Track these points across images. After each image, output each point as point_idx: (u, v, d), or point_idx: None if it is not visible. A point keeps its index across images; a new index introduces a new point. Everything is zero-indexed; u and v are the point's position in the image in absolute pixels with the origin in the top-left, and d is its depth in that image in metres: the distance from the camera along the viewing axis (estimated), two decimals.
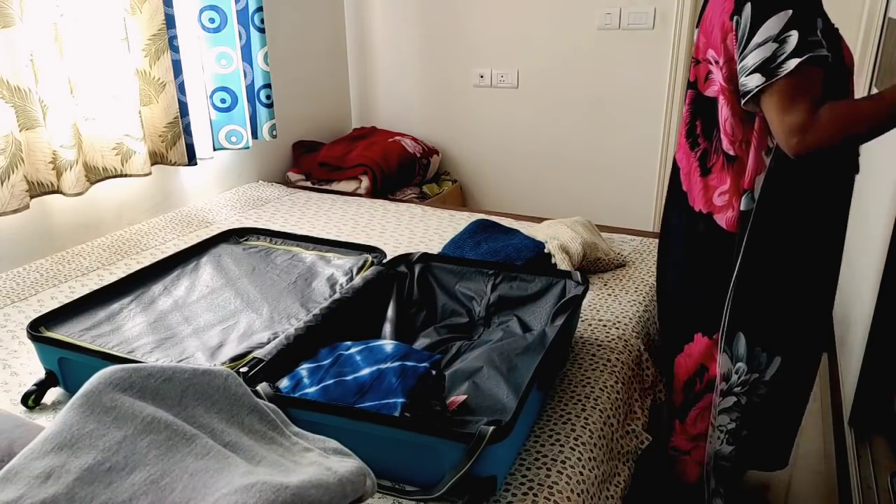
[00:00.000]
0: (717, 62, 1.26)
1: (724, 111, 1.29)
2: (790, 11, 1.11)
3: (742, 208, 1.29)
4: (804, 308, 1.36)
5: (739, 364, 1.37)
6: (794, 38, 1.10)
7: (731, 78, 1.23)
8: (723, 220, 1.34)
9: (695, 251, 1.42)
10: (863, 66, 2.41)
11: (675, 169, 1.45)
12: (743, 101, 1.20)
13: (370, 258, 1.69)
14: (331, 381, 1.18)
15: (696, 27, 1.37)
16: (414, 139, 3.18)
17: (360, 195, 2.77)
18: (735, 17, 1.18)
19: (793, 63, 1.10)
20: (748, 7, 1.15)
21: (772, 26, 1.12)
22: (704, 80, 1.33)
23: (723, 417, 1.43)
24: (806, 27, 1.11)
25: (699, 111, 1.36)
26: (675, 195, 1.45)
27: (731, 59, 1.21)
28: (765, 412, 1.41)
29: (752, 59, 1.15)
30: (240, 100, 2.53)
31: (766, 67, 1.13)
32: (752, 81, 1.16)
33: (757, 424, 1.43)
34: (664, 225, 1.53)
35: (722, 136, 1.31)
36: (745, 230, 1.28)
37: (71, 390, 1.33)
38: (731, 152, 1.30)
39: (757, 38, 1.14)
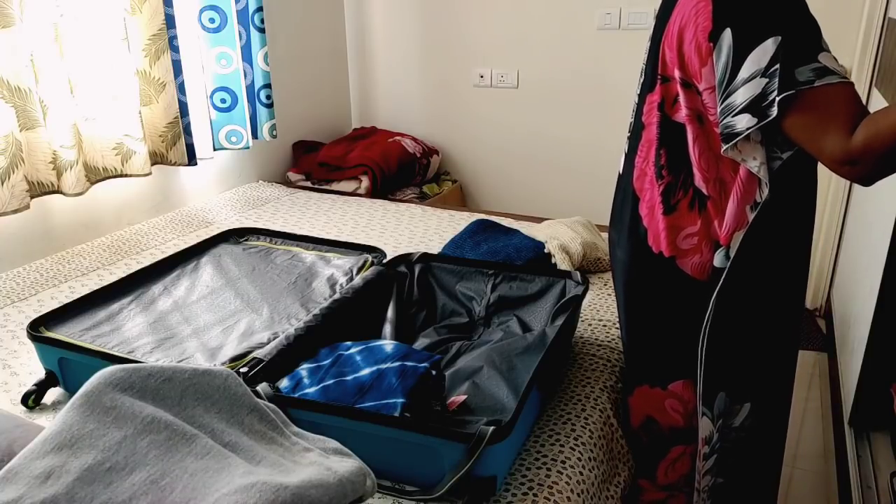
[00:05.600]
0: (690, 86, 1.09)
1: (697, 143, 1.11)
2: (779, 38, 0.95)
3: (715, 264, 1.15)
4: (777, 352, 1.25)
5: (720, 421, 1.25)
6: (781, 70, 0.95)
7: (714, 109, 1.06)
8: (688, 265, 1.18)
9: (648, 297, 1.26)
10: (863, 66, 2.41)
11: (632, 198, 1.25)
12: (725, 146, 1.04)
13: (370, 258, 1.69)
14: (331, 382, 1.18)
15: (655, 21, 1.20)
16: (414, 139, 3.18)
17: (360, 195, 2.77)
18: (714, 41, 1.02)
19: (777, 99, 0.95)
20: (728, 34, 0.99)
21: (758, 58, 0.97)
22: (672, 102, 1.14)
23: (707, 479, 1.31)
24: (800, 55, 0.95)
25: (665, 138, 1.16)
26: (627, 226, 1.26)
27: (714, 89, 1.05)
28: (740, 460, 1.29)
29: (741, 96, 0.99)
30: (240, 100, 2.53)
31: (757, 107, 0.98)
32: (741, 123, 1.00)
33: (732, 473, 1.31)
34: (612, 259, 1.37)
35: (695, 170, 1.13)
36: (715, 288, 1.15)
37: (71, 390, 1.33)
38: (704, 191, 1.13)
39: (743, 73, 0.98)
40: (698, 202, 1.15)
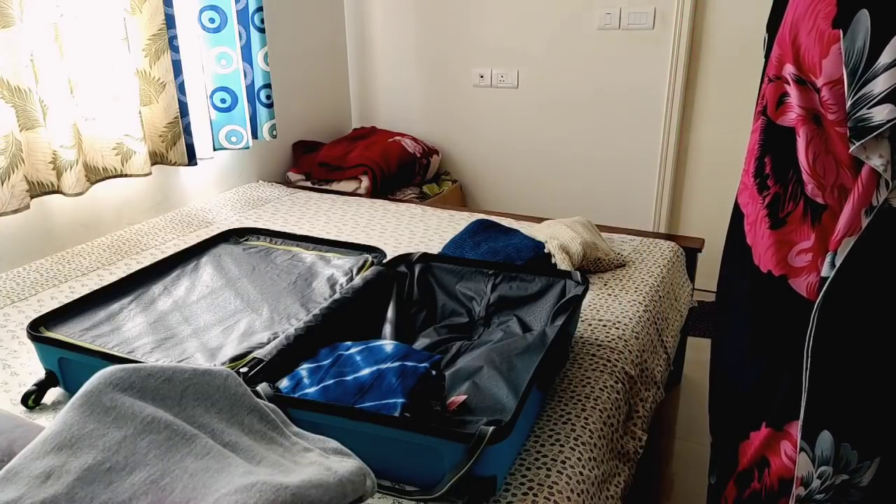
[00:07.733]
0: (805, 83, 0.99)
1: (812, 146, 1.00)
2: None
3: (822, 274, 1.01)
4: None
5: (823, 468, 1.08)
6: None
7: (836, 105, 0.95)
8: (803, 285, 1.05)
9: (762, 323, 1.14)
10: None
11: (738, 215, 1.17)
12: (857, 143, 0.91)
13: (370, 258, 1.69)
14: (331, 382, 1.18)
15: (766, 32, 1.12)
16: (414, 139, 3.18)
17: (360, 195, 2.77)
18: (841, 27, 0.92)
19: None
20: (864, 16, 0.89)
21: None
22: (777, 104, 1.05)
23: None
24: None
25: (769, 145, 1.07)
26: (736, 249, 1.17)
27: (838, 82, 0.94)
28: None
29: (882, 84, 0.88)
30: (240, 100, 2.53)
31: None
32: (880, 114, 0.88)
33: None
34: (720, 284, 1.26)
35: (804, 178, 1.02)
36: (818, 299, 1.02)
37: (71, 390, 1.33)
38: (820, 200, 1.02)
39: (885, 58, 0.87)
40: (811, 213, 1.03)
